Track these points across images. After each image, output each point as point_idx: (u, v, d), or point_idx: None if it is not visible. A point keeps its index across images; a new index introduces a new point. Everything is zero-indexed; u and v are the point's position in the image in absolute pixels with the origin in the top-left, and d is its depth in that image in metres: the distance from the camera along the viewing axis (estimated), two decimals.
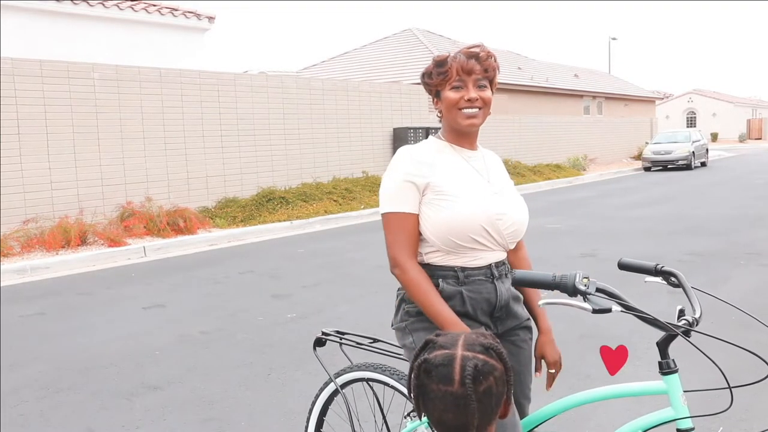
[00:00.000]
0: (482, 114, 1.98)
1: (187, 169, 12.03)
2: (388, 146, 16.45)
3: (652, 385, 1.83)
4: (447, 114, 1.99)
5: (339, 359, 2.43)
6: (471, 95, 1.94)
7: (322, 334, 2.38)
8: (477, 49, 1.99)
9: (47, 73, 10.09)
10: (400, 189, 1.94)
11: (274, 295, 6.52)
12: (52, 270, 8.24)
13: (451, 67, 1.97)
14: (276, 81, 14.04)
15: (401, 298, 2.05)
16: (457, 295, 1.93)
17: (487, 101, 1.98)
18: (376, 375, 2.28)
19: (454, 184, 1.94)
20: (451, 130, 2.03)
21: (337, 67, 25.93)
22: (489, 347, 1.31)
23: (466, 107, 1.95)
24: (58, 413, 3.75)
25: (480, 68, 1.97)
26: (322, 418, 2.46)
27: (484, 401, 1.26)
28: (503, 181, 2.07)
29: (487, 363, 1.28)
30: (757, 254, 7.66)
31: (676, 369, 1.77)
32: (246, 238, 10.71)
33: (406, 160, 1.96)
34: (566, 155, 23.77)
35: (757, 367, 1.69)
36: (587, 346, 4.59)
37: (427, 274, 1.95)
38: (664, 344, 1.77)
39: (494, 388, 1.27)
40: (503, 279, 2.00)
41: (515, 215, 2.00)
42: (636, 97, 34.10)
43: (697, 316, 1.79)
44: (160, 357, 4.70)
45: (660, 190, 16.41)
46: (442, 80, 1.98)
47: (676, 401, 1.76)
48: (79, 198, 10.39)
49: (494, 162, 2.12)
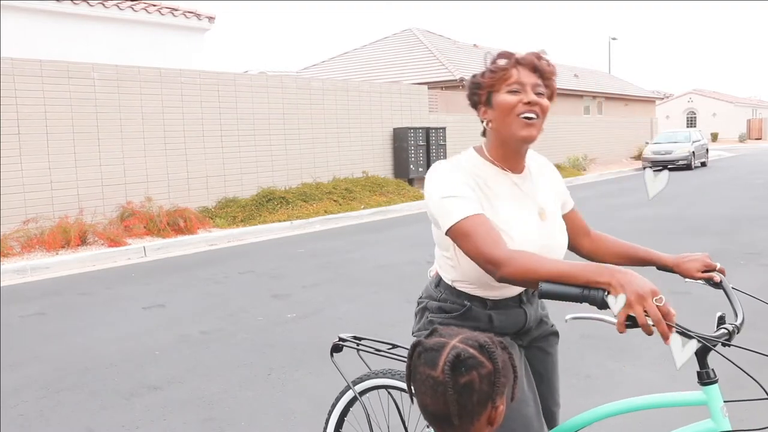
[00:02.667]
0: (539, 125, 1.74)
1: (187, 169, 12.03)
2: (388, 146, 16.45)
3: (691, 395, 1.74)
4: (500, 122, 1.74)
5: (346, 363, 2.40)
6: (531, 98, 1.71)
7: (339, 340, 2.27)
8: (541, 53, 1.79)
9: (47, 73, 10.08)
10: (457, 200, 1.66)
11: (274, 295, 6.52)
12: (52, 270, 8.24)
13: (513, 66, 1.74)
14: (276, 81, 14.04)
15: (424, 306, 1.93)
16: (485, 318, 1.82)
17: (545, 110, 1.74)
18: (396, 382, 2.19)
19: (503, 215, 1.73)
20: (500, 146, 1.78)
21: (337, 67, 25.93)
22: (484, 345, 1.29)
23: (525, 112, 1.71)
24: (57, 413, 3.75)
25: (543, 73, 1.76)
26: (341, 425, 2.42)
27: (463, 394, 1.25)
28: (555, 209, 1.87)
29: (474, 357, 1.27)
30: (757, 254, 7.66)
31: (716, 379, 1.69)
32: (246, 238, 10.71)
33: (447, 177, 1.72)
34: (566, 155, 23.77)
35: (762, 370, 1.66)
36: (587, 345, 4.58)
37: (453, 293, 1.82)
38: (702, 354, 1.69)
39: (476, 383, 1.26)
40: (531, 301, 1.90)
41: (557, 243, 1.82)
42: (636, 97, 34.10)
43: (738, 323, 1.70)
44: (160, 357, 4.70)
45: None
46: (498, 79, 1.73)
47: (716, 413, 1.68)
48: (79, 198, 10.39)
49: (546, 182, 1.90)
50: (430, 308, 1.90)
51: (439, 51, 23.56)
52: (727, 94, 66.82)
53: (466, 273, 1.77)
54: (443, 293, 1.87)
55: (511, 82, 1.72)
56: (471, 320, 1.82)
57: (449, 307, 1.85)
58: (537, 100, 1.72)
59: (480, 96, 1.78)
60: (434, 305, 1.89)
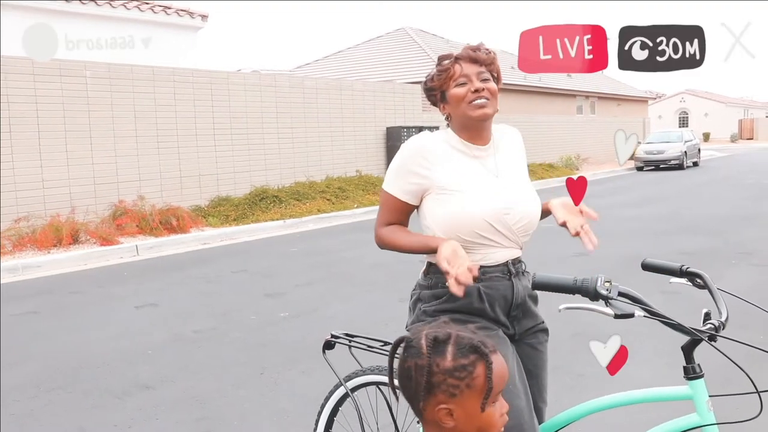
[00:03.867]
0: (491, 104, 1.95)
1: (180, 167, 12.00)
2: (381, 145, 16.45)
3: (677, 390, 1.79)
4: (456, 111, 1.97)
5: (342, 361, 2.41)
6: (477, 85, 1.93)
7: (331, 337, 2.31)
8: (478, 45, 2.01)
9: (39, 71, 10.03)
10: (399, 175, 1.98)
11: (267, 294, 6.51)
12: (44, 269, 8.21)
13: (453, 63, 1.97)
14: (269, 79, 14.02)
15: (417, 298, 2.01)
16: (474, 292, 1.90)
17: (493, 92, 1.95)
18: (386, 379, 2.23)
19: (460, 180, 1.92)
20: (463, 128, 2.00)
21: (330, 66, 25.89)
22: (440, 340, 1.32)
23: (474, 99, 1.93)
24: (49, 413, 3.74)
25: (482, 62, 1.97)
26: (332, 421, 2.43)
27: (404, 378, 1.34)
28: (515, 173, 2.04)
29: (415, 348, 1.33)
30: (748, 253, 7.70)
31: (702, 374, 1.73)
32: (239, 237, 10.69)
33: (414, 151, 1.97)
34: (559, 155, 23.83)
35: (750, 368, 1.68)
36: (580, 344, 4.59)
37: (441, 273, 1.91)
38: (688, 349, 1.74)
39: (412, 372, 1.32)
40: (520, 276, 1.98)
41: (525, 208, 1.95)
42: (628, 97, 34.20)
43: (723, 320, 1.75)
44: (153, 356, 4.69)
45: (652, 190, 16.47)
46: (445, 79, 1.97)
47: (701, 407, 1.72)
48: (71, 196, 10.34)
49: (508, 149, 2.08)
50: (423, 298, 1.98)
51: (432, 50, 23.56)
52: (718, 94, 67.07)
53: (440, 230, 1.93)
54: (433, 278, 1.96)
55: (457, 77, 1.95)
56: (461, 298, 1.86)
57: (440, 292, 1.93)
58: (483, 86, 1.94)
59: (435, 96, 2.03)
60: (426, 294, 1.97)
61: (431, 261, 1.97)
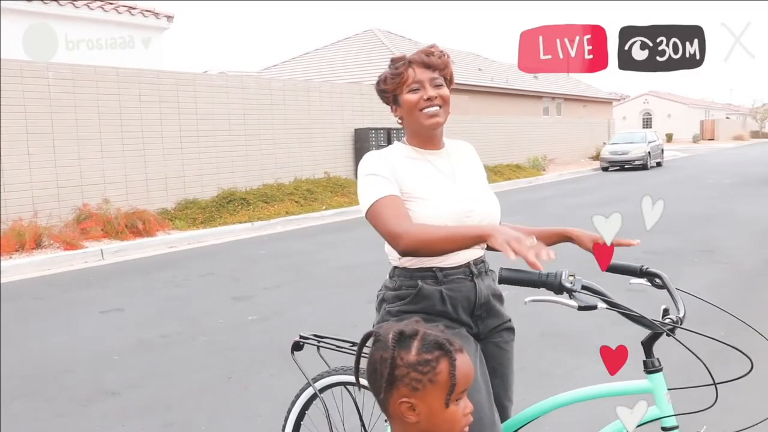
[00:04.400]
0: (443, 112, 1.97)
1: (146, 170, 11.84)
2: (349, 147, 16.44)
3: (637, 384, 1.83)
4: (408, 118, 1.98)
5: (312, 362, 2.40)
6: (430, 93, 1.93)
7: (300, 338, 2.32)
8: (430, 49, 2.00)
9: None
10: (374, 182, 1.90)
11: (235, 297, 6.46)
12: (6, 275, 8.03)
13: (407, 68, 1.96)
14: (236, 81, 13.92)
15: (382, 298, 2.03)
16: (437, 294, 1.92)
17: (446, 99, 1.97)
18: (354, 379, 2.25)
19: (420, 186, 1.92)
20: (414, 134, 2.01)
21: (298, 67, 25.80)
22: (406, 335, 1.35)
23: (426, 106, 1.93)
24: (12, 422, 3.66)
25: (435, 67, 1.96)
26: (300, 422, 2.43)
27: (369, 370, 1.37)
28: (472, 177, 2.05)
29: (381, 342, 1.36)
30: (710, 252, 7.87)
31: (661, 368, 1.78)
32: (206, 239, 10.59)
33: (374, 160, 1.95)
34: (526, 155, 24.07)
35: (740, 363, 1.73)
36: (547, 344, 4.65)
37: (406, 277, 1.95)
38: (648, 343, 1.79)
39: (377, 364, 1.35)
40: (483, 276, 1.99)
41: (485, 210, 1.98)
42: (594, 99, 34.69)
43: (681, 315, 1.81)
44: (118, 362, 4.63)
45: (617, 190, 16.72)
46: (398, 83, 1.96)
47: (660, 400, 1.77)
48: (33, 200, 10.14)
49: (462, 157, 2.10)
50: (387, 299, 2.00)
51: (400, 52, 23.56)
52: (681, 95, 68.38)
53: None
54: (398, 281, 1.98)
55: (410, 82, 1.95)
56: (424, 300, 1.92)
57: (404, 293, 1.95)
58: (436, 93, 1.94)
59: (388, 98, 2.02)
60: (390, 295, 1.99)
61: (396, 264, 1.99)
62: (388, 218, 1.81)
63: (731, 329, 2.04)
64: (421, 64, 1.96)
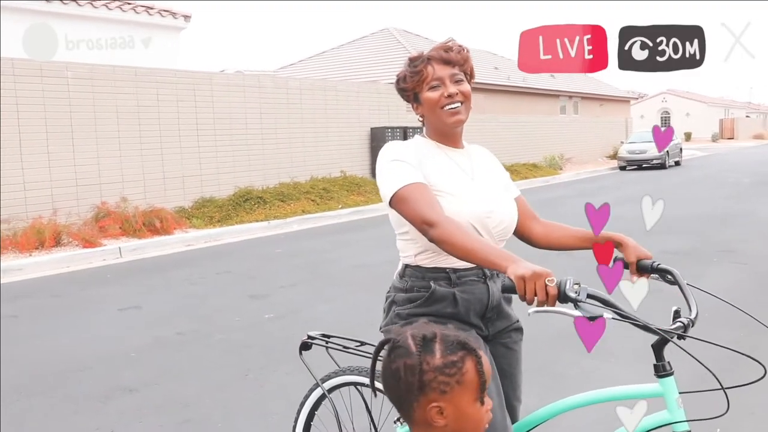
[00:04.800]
0: (465, 108, 1.94)
1: (163, 168, 11.93)
2: (365, 146, 16.45)
3: (648, 388, 1.81)
4: (430, 115, 1.95)
5: (323, 361, 2.41)
6: (450, 90, 1.91)
7: (308, 338, 2.31)
8: (449, 44, 1.97)
9: (20, 72, 9.94)
10: (401, 168, 1.85)
11: (252, 295, 6.49)
12: (25, 272, 8.12)
13: (426, 65, 1.94)
14: (253, 80, 13.97)
15: (392, 300, 2.00)
16: (449, 297, 1.89)
17: (467, 94, 1.94)
18: (364, 379, 2.23)
19: (442, 180, 1.89)
20: (436, 132, 1.99)
21: (314, 66, 25.85)
22: (428, 338, 1.32)
23: (447, 104, 1.91)
24: (31, 418, 3.71)
25: (455, 62, 1.94)
26: (310, 422, 2.43)
27: (391, 380, 1.33)
28: (491, 179, 2.02)
29: (404, 348, 1.32)
30: (729, 252, 7.78)
31: (672, 372, 1.76)
32: (223, 238, 10.64)
33: (398, 147, 1.92)
34: (543, 154, 23.94)
35: (751, 368, 1.71)
36: (562, 345, 4.62)
37: (418, 277, 1.92)
38: (658, 347, 1.76)
39: (401, 372, 1.30)
40: (495, 279, 1.96)
41: (503, 213, 1.96)
42: (611, 97, 34.42)
43: (692, 317, 1.77)
44: (136, 359, 4.66)
45: (635, 189, 16.59)
46: (418, 81, 1.94)
47: (671, 404, 1.75)
48: (53, 198, 10.25)
49: (482, 159, 2.08)
50: (398, 301, 1.96)
51: (416, 50, 23.54)
52: (700, 94, 67.73)
53: (427, 241, 1.82)
54: (409, 281, 1.94)
55: (430, 80, 1.93)
56: (436, 303, 1.89)
57: (415, 296, 1.92)
58: (456, 89, 1.92)
59: (408, 97, 2.00)
60: (401, 297, 1.95)
61: (407, 263, 1.96)
62: (423, 204, 1.76)
63: (751, 329, 2.02)
64: (440, 60, 1.93)
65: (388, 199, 1.84)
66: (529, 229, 2.13)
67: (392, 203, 1.83)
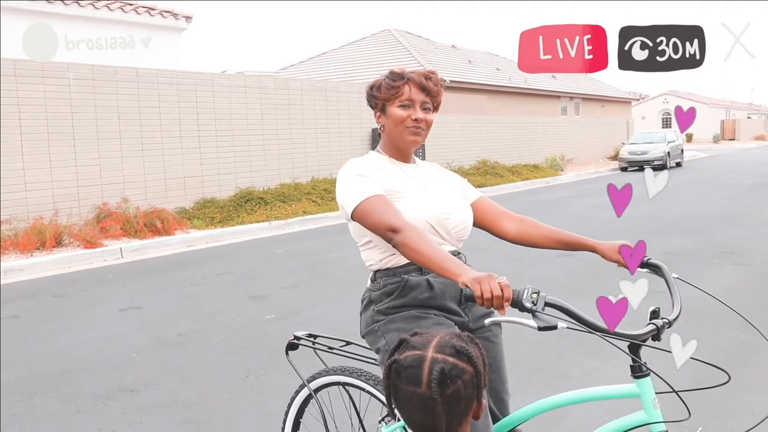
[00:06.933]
0: (424, 135, 2.08)
1: (165, 169, 11.93)
2: (366, 147, 16.44)
3: (625, 388, 1.83)
4: (392, 129, 2.07)
5: (316, 359, 2.41)
6: (418, 116, 2.03)
7: (294, 338, 2.36)
8: (430, 74, 2.09)
9: (21, 73, 9.95)
10: (362, 182, 1.96)
11: (252, 296, 6.49)
12: (26, 272, 8.13)
13: (404, 84, 2.04)
14: (254, 81, 13.98)
15: (368, 300, 2.07)
16: (423, 282, 1.97)
17: (429, 124, 2.08)
18: (351, 379, 2.26)
19: (400, 186, 2.03)
20: (391, 146, 2.12)
21: (315, 67, 25.88)
22: (460, 350, 1.30)
23: (412, 125, 2.04)
24: (32, 417, 3.71)
25: (429, 91, 2.06)
26: (298, 421, 2.45)
27: (452, 404, 1.26)
28: (445, 187, 2.15)
29: (456, 366, 1.28)
30: (730, 253, 7.78)
31: (648, 372, 1.77)
32: (224, 239, 10.65)
33: (359, 164, 2.04)
34: (544, 155, 23.94)
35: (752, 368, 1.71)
36: (564, 345, 4.62)
37: (389, 276, 2.01)
38: (634, 348, 1.77)
39: (462, 390, 1.27)
40: (466, 262, 2.02)
41: (460, 216, 2.08)
42: (612, 98, 34.44)
43: (671, 318, 1.78)
44: (137, 359, 4.66)
45: (636, 190, 16.55)
46: (392, 95, 2.04)
47: (648, 405, 1.76)
48: (54, 199, 10.26)
49: (433, 172, 2.21)
50: (374, 299, 2.03)
51: (417, 52, 23.60)
52: (701, 95, 67.69)
53: (390, 246, 1.90)
54: (381, 281, 2.03)
55: (403, 98, 2.04)
56: (412, 291, 1.96)
57: (391, 289, 2.00)
58: (423, 117, 2.04)
59: (376, 104, 2.11)
60: (377, 294, 2.03)
61: (377, 268, 2.05)
62: (388, 214, 1.86)
63: (754, 331, 2.01)
64: (418, 85, 2.05)
65: (350, 210, 1.94)
66: (499, 224, 2.22)
67: (355, 215, 1.93)
